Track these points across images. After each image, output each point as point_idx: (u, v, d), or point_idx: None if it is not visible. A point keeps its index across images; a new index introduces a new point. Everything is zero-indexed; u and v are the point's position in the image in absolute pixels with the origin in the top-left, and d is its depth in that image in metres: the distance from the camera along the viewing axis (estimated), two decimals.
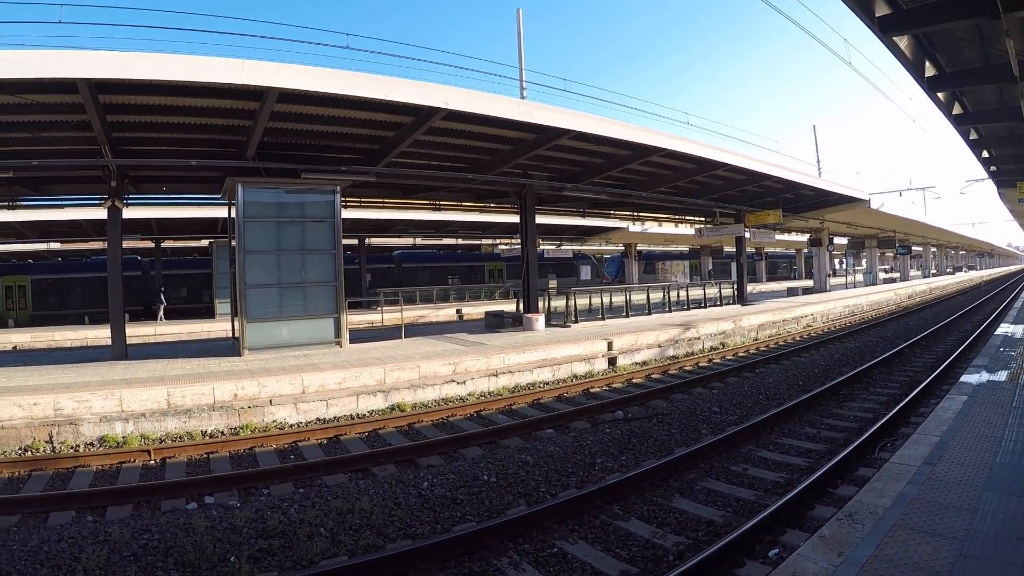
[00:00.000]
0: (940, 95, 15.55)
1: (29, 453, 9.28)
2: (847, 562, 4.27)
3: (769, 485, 7.59)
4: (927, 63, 13.87)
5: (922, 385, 12.13)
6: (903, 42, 12.65)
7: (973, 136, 20.64)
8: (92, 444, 9.73)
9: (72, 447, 9.58)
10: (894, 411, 10.20)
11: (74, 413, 10.07)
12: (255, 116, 12.77)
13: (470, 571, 5.58)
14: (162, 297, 31.86)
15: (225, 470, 8.58)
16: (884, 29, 11.37)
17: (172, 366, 13.35)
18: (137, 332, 24.72)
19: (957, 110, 17.39)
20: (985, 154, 23.64)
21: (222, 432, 10.44)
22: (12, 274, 34.06)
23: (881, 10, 11.23)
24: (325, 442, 10.02)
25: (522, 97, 19.18)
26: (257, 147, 14.26)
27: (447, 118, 13.71)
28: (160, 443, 9.76)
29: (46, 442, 9.57)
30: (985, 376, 10.55)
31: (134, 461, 9.05)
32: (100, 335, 25.61)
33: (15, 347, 24.48)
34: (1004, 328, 17.72)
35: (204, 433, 10.34)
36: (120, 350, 15.05)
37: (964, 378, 10.47)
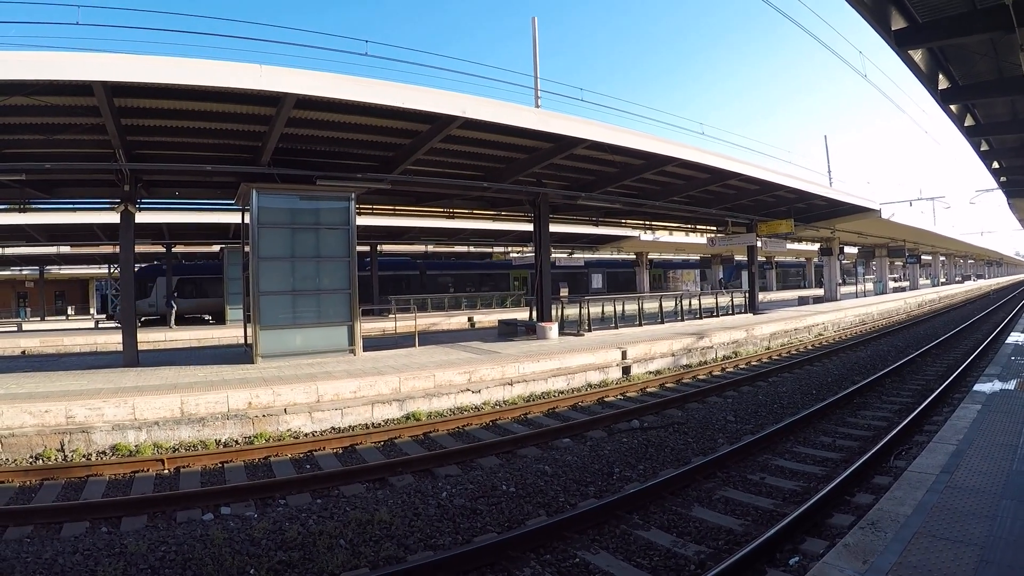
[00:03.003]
0: (953, 107, 15.62)
1: (40, 462, 9.22)
2: (872, 569, 4.31)
3: (787, 494, 7.60)
4: (940, 76, 13.95)
5: (935, 394, 12.11)
6: (917, 55, 12.71)
7: (984, 147, 20.70)
8: (104, 453, 9.69)
9: (84, 456, 9.53)
10: (907, 420, 10.21)
11: (86, 421, 10.03)
12: (271, 122, 12.79)
13: None
14: (173, 303, 31.99)
15: (241, 480, 8.55)
16: (900, 43, 11.43)
17: (184, 373, 13.37)
18: (147, 338, 24.82)
19: (969, 122, 17.45)
20: (996, 165, 23.71)
21: (236, 441, 10.43)
22: None
23: (897, 24, 11.28)
24: (341, 451, 9.99)
25: (537, 106, 19.27)
26: (272, 153, 14.29)
27: (464, 126, 13.72)
28: (174, 452, 9.77)
29: (57, 450, 9.50)
30: (998, 385, 10.57)
31: (147, 470, 9.00)
32: (109, 340, 25.76)
33: (24, 352, 24.58)
34: (1014, 337, 17.67)
35: (218, 442, 10.33)
36: (132, 356, 15.07)
37: (977, 387, 10.48)
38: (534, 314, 21.75)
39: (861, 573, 4.27)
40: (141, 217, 21.34)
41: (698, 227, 35.96)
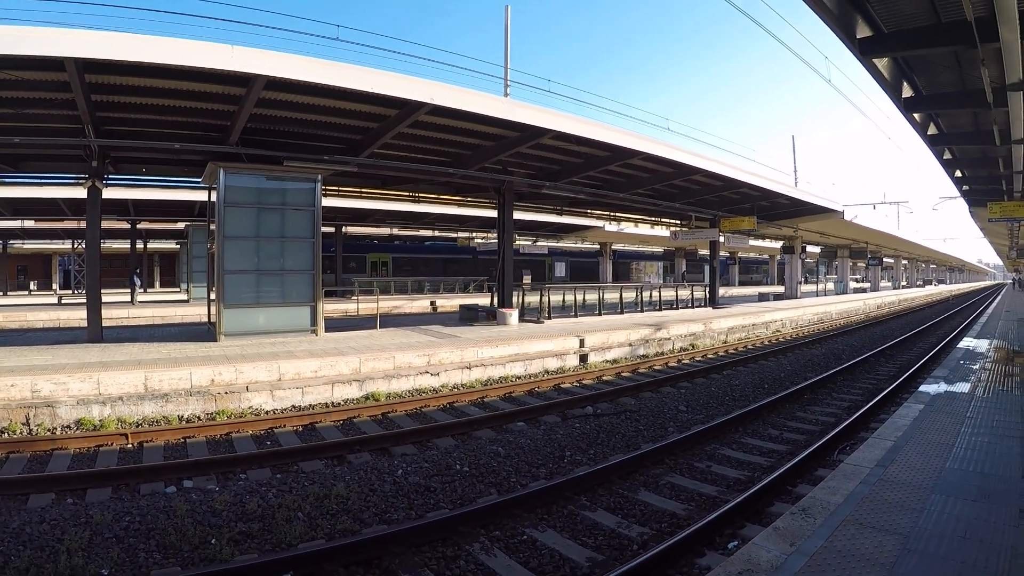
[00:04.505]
0: (916, 116, 15.73)
1: (6, 435, 9.20)
2: (798, 552, 4.55)
3: (731, 482, 7.87)
4: (904, 84, 14.05)
5: (883, 393, 12.44)
6: (882, 63, 12.83)
7: (947, 156, 20.87)
8: (69, 427, 9.71)
9: (49, 430, 9.55)
10: (854, 417, 10.52)
11: (51, 395, 10.05)
12: (241, 102, 12.83)
13: (443, 555, 5.78)
14: (135, 279, 31.70)
15: (203, 455, 8.65)
16: (864, 51, 11.52)
17: (148, 350, 13.36)
18: (110, 315, 24.53)
19: (932, 131, 17.60)
20: (958, 173, 23.92)
21: (199, 417, 10.51)
22: (378, 252, 48.09)
23: (863, 32, 11.35)
24: (301, 429, 10.13)
25: (506, 95, 19.38)
26: (241, 132, 14.34)
27: (432, 112, 13.84)
28: (137, 427, 9.82)
29: (23, 424, 9.52)
30: (944, 387, 10.87)
31: (112, 444, 9.06)
32: (72, 316, 25.49)
33: None
34: (967, 342, 18.02)
35: (181, 418, 10.38)
36: (96, 332, 15.01)
37: (923, 388, 10.78)
38: (495, 300, 21.95)
39: (787, 554, 4.51)
40: (107, 193, 21.16)
41: (662, 220, 36.36)
